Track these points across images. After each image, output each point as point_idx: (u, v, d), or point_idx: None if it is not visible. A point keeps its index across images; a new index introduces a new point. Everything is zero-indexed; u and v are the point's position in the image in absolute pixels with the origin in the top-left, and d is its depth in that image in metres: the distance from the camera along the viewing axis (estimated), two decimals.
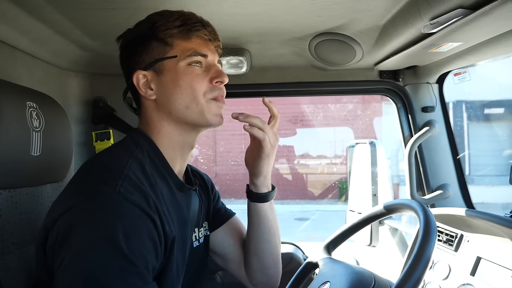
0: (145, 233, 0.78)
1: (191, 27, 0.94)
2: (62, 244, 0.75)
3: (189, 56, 0.93)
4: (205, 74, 0.95)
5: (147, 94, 0.95)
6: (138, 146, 0.92)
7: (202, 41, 0.96)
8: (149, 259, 0.78)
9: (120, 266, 0.72)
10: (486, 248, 1.23)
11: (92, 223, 0.75)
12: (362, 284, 1.05)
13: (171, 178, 0.94)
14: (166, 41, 0.93)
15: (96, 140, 1.68)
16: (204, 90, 0.94)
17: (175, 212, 0.92)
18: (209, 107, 0.94)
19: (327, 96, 6.33)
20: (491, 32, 1.13)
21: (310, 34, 1.40)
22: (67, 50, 1.44)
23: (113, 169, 0.84)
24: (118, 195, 0.78)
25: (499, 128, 8.51)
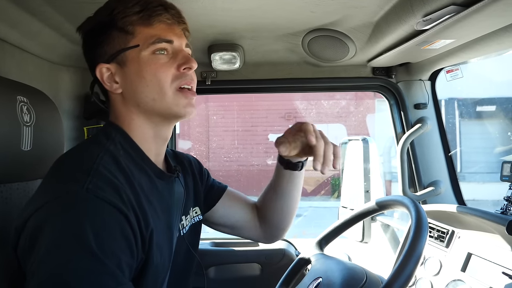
0: (118, 231, 0.75)
1: (152, 12, 0.86)
2: (31, 246, 0.72)
3: (152, 43, 0.86)
4: (171, 61, 0.89)
5: (113, 88, 0.90)
6: (110, 139, 0.87)
7: (166, 25, 0.88)
8: (123, 257, 0.74)
9: (90, 266, 0.69)
10: (477, 244, 1.24)
11: (60, 222, 0.72)
12: (354, 280, 1.06)
13: (148, 167, 0.90)
14: (126, 30, 0.86)
15: (88, 135, 1.67)
16: (171, 79, 0.88)
17: (157, 202, 0.89)
18: (176, 99, 0.88)
19: (320, 92, 6.34)
20: (484, 29, 1.14)
21: (303, 30, 1.39)
22: (58, 44, 1.42)
23: (83, 165, 0.80)
24: (87, 193, 0.74)
25: (490, 125, 8.58)
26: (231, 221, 1.21)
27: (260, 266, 1.89)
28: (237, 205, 1.22)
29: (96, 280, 0.69)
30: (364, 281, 1.05)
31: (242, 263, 1.89)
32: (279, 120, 9.45)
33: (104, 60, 0.89)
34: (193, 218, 1.10)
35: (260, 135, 9.32)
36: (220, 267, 1.86)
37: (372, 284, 1.05)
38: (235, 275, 1.87)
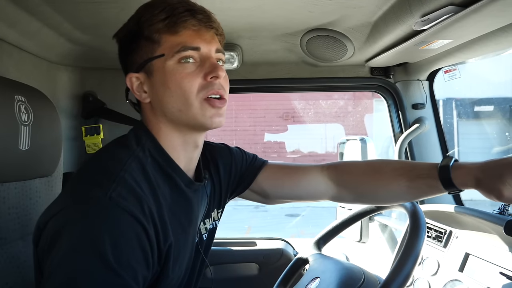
0: (135, 242, 0.74)
1: (177, 19, 0.83)
2: (50, 247, 0.72)
3: (177, 52, 0.83)
4: (199, 70, 0.85)
5: (142, 97, 0.89)
6: (140, 145, 0.86)
7: (193, 32, 0.84)
8: (139, 269, 0.73)
9: (105, 277, 0.68)
10: (475, 244, 1.24)
11: (79, 228, 0.71)
12: (351, 280, 1.06)
13: (178, 175, 0.88)
14: (152, 38, 0.84)
15: (85, 135, 1.66)
16: (197, 89, 0.84)
17: (182, 213, 0.88)
18: (202, 109, 0.85)
19: (319, 92, 6.36)
20: (482, 30, 1.14)
21: (302, 30, 1.40)
22: (57, 44, 1.42)
23: (109, 170, 0.79)
24: (109, 201, 0.73)
25: (488, 125, 8.60)
26: (288, 192, 1.14)
27: (258, 266, 1.89)
28: (286, 176, 1.14)
29: None
30: (362, 281, 1.05)
31: (240, 263, 1.89)
32: (277, 120, 9.45)
33: (134, 70, 0.88)
34: (213, 223, 1.08)
35: (258, 135, 9.33)
36: (218, 267, 1.86)
37: (370, 284, 1.05)
38: (233, 274, 1.87)
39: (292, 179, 1.13)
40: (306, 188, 1.13)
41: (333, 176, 1.12)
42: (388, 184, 1.05)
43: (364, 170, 1.13)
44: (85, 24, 1.30)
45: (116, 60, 1.65)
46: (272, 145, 9.49)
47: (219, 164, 1.08)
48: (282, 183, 1.13)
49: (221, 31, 0.91)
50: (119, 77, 1.74)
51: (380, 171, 1.07)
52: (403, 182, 1.00)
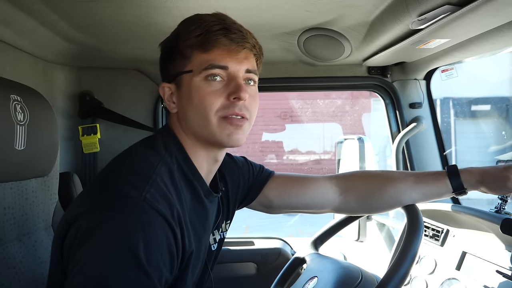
0: (165, 245, 0.75)
1: (210, 37, 0.84)
2: (80, 243, 0.72)
3: (204, 69, 0.85)
4: (224, 89, 0.86)
5: (170, 107, 0.92)
6: (168, 150, 0.88)
7: (223, 51, 0.85)
8: (164, 271, 0.75)
9: (135, 276, 0.69)
10: (472, 243, 1.25)
11: (114, 227, 0.72)
12: (349, 279, 1.06)
13: (199, 184, 0.90)
14: (184, 54, 0.87)
15: (82, 135, 1.66)
16: (218, 108, 0.85)
17: (199, 221, 0.90)
18: (220, 127, 0.86)
19: (316, 91, 6.35)
20: (478, 29, 1.14)
21: (299, 29, 1.39)
22: (52, 43, 1.41)
23: (142, 172, 0.80)
24: (144, 202, 0.74)
25: (485, 124, 8.62)
26: (295, 202, 1.16)
27: (256, 266, 1.89)
28: (294, 185, 1.16)
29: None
30: (359, 280, 1.06)
31: (238, 262, 1.89)
32: (275, 119, 9.45)
33: (167, 80, 0.92)
34: (221, 234, 1.09)
35: (256, 134, 9.32)
36: (216, 267, 1.85)
37: (367, 283, 1.05)
38: (231, 274, 1.87)
39: (300, 188, 1.16)
40: (314, 196, 1.15)
41: (340, 183, 1.16)
42: (396, 182, 1.09)
43: (372, 173, 1.20)
44: (81, 23, 1.29)
45: (113, 59, 1.65)
46: (270, 145, 9.48)
47: (227, 177, 1.10)
48: (289, 192, 1.16)
49: (257, 51, 0.91)
50: (116, 76, 1.77)
51: (388, 172, 1.14)
52: (411, 178, 1.08)
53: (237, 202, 1.14)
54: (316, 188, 1.15)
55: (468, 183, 1.03)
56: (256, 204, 1.18)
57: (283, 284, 1.28)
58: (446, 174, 1.05)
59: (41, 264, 1.05)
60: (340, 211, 1.19)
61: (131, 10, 1.18)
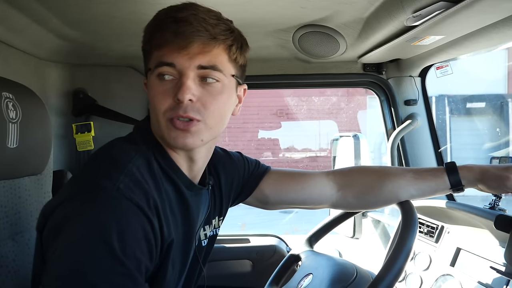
0: (141, 233, 0.75)
1: (159, 31, 0.79)
2: (56, 234, 0.72)
3: (156, 67, 0.81)
4: (173, 89, 0.80)
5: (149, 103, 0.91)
6: (145, 141, 0.87)
7: (172, 46, 0.79)
8: (143, 260, 0.74)
9: (110, 266, 0.69)
10: (466, 239, 1.25)
11: (87, 218, 0.72)
12: (344, 276, 1.06)
13: (178, 177, 0.88)
14: (145, 51, 0.85)
15: (76, 132, 1.65)
16: (165, 109, 0.81)
17: (180, 213, 0.88)
18: (167, 129, 0.82)
19: (311, 88, 6.34)
20: (473, 26, 1.14)
21: (294, 26, 1.39)
22: (45, 40, 1.40)
23: (117, 162, 0.80)
24: (117, 192, 0.74)
25: (479, 122, 8.67)
26: (292, 197, 1.15)
27: (251, 263, 1.89)
28: (291, 181, 1.15)
29: (115, 279, 0.69)
30: (354, 276, 1.06)
31: (233, 260, 1.89)
32: (271, 117, 9.45)
33: (145, 76, 0.89)
34: (213, 230, 1.08)
35: (251, 132, 9.33)
36: (211, 264, 1.85)
37: (362, 279, 1.05)
38: (226, 271, 1.87)
39: (297, 183, 1.15)
40: (311, 192, 1.14)
41: (338, 178, 1.15)
42: (394, 177, 1.09)
43: (370, 168, 1.19)
44: (74, 20, 1.28)
45: (106, 56, 1.64)
46: (266, 142, 9.48)
47: (220, 172, 1.08)
48: (286, 188, 1.15)
49: (224, 41, 0.83)
50: (110, 73, 1.76)
51: (386, 168, 1.16)
52: (409, 174, 1.08)
53: (231, 198, 1.13)
54: (314, 184, 1.14)
55: (467, 179, 1.03)
56: (252, 200, 1.17)
57: (278, 282, 1.28)
58: (445, 171, 1.05)
59: None
60: (337, 206, 1.19)
61: (126, 7, 1.17)
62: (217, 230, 1.10)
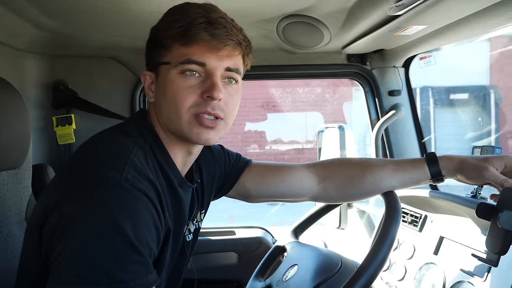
0: (151, 222, 0.77)
1: (192, 30, 0.81)
2: (64, 231, 0.72)
3: (181, 63, 0.83)
4: (200, 85, 0.84)
5: (149, 96, 0.91)
6: (143, 136, 0.87)
7: (204, 46, 0.82)
8: (153, 247, 0.77)
9: (127, 255, 0.71)
10: (449, 228, 1.27)
11: (99, 211, 0.72)
12: (329, 266, 1.07)
13: (173, 173, 0.90)
14: (163, 44, 0.85)
15: (57, 125, 1.62)
16: (190, 104, 0.84)
17: (173, 207, 0.90)
18: (190, 125, 0.85)
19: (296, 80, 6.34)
20: (455, 15, 1.14)
21: (278, 16, 1.38)
22: (22, 30, 1.36)
23: (120, 154, 0.79)
24: (126, 182, 0.74)
25: (463, 112, 8.80)
26: (272, 190, 1.15)
27: (237, 255, 1.89)
28: (271, 174, 1.15)
29: (131, 268, 0.71)
30: (339, 266, 1.06)
31: (219, 252, 1.88)
32: (257, 109, 9.43)
33: (149, 68, 0.90)
34: (196, 224, 1.09)
35: (238, 125, 9.30)
36: (197, 257, 1.84)
37: (347, 269, 1.06)
38: (212, 264, 1.87)
39: (278, 176, 1.15)
40: (292, 185, 1.15)
41: (319, 171, 1.15)
42: (375, 169, 1.09)
43: (352, 160, 1.20)
44: (52, 9, 1.24)
45: (87, 47, 1.60)
46: (253, 135, 9.48)
47: (202, 166, 1.09)
48: (267, 181, 1.15)
49: (244, 48, 0.88)
50: (91, 65, 1.72)
51: (367, 160, 1.15)
52: (390, 165, 1.09)
53: (213, 192, 1.13)
54: (294, 177, 1.15)
55: (446, 169, 1.04)
56: (233, 194, 1.17)
57: (264, 273, 1.28)
58: (425, 161, 1.05)
59: (13, 259, 1.02)
60: (319, 199, 1.19)
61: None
62: (199, 223, 1.10)
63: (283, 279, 1.12)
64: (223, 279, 1.87)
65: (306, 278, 1.05)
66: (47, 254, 0.76)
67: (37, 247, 0.78)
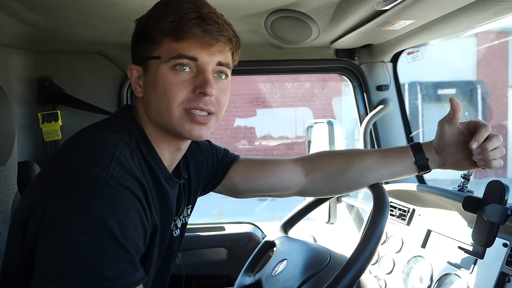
0: (138, 219, 0.76)
1: (184, 25, 0.81)
2: (49, 229, 0.71)
3: (172, 58, 0.82)
4: (191, 81, 0.83)
5: (136, 91, 0.89)
6: (128, 132, 0.86)
7: (196, 41, 0.82)
8: (140, 245, 0.77)
9: (113, 253, 0.71)
10: (436, 221, 1.28)
11: (84, 209, 0.70)
12: (318, 260, 1.07)
13: (159, 169, 0.89)
14: (153, 38, 0.84)
15: (42, 122, 1.59)
16: (182, 100, 0.83)
17: (159, 204, 0.89)
18: (181, 120, 0.84)
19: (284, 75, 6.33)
20: (442, 10, 1.15)
21: (266, 11, 1.37)
22: (5, 25, 1.33)
23: (104, 150, 0.78)
24: (111, 180, 0.74)
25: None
26: (260, 185, 1.15)
27: (226, 251, 1.89)
28: (259, 169, 1.15)
29: (119, 266, 0.71)
30: (328, 261, 1.07)
31: (208, 248, 1.88)
32: (247, 105, 9.41)
33: (136, 62, 0.89)
34: (183, 219, 1.08)
35: (227, 120, 9.27)
36: (186, 253, 1.84)
37: (336, 263, 1.06)
38: (201, 260, 1.86)
39: (265, 171, 1.15)
40: (279, 179, 1.15)
41: (306, 164, 1.16)
42: (362, 158, 1.10)
43: (338, 151, 1.22)
44: (36, 3, 1.22)
45: (73, 42, 1.57)
46: (242, 131, 9.46)
47: (189, 161, 1.08)
48: (254, 176, 1.15)
49: (234, 44, 0.88)
50: (77, 60, 1.70)
51: (354, 150, 1.15)
52: (377, 154, 1.10)
53: (200, 187, 1.13)
54: (281, 171, 1.15)
55: (427, 148, 1.06)
56: (221, 189, 1.17)
57: (254, 268, 1.28)
58: (410, 147, 1.07)
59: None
60: (307, 192, 1.19)
61: None
62: (186, 218, 1.10)
63: (273, 274, 1.12)
64: (212, 274, 1.87)
65: (295, 272, 1.05)
66: (30, 253, 0.75)
67: (21, 246, 0.77)
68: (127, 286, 0.71)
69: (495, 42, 8.57)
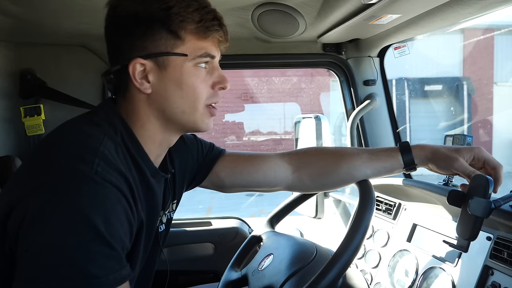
0: (123, 215, 0.75)
1: (209, 26, 0.84)
2: (31, 226, 0.69)
3: (199, 56, 0.84)
4: (208, 77, 0.87)
5: (142, 86, 0.84)
6: (112, 126, 0.83)
7: (216, 40, 0.87)
8: (125, 241, 0.76)
9: (99, 250, 0.69)
10: (422, 215, 1.29)
11: (68, 206, 0.69)
12: (304, 255, 1.07)
13: (145, 163, 0.87)
14: (179, 35, 0.82)
15: (25, 116, 1.56)
16: (205, 96, 0.87)
17: (145, 199, 0.88)
18: (203, 115, 0.89)
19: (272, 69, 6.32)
20: (429, 4, 1.15)
21: (253, 4, 1.35)
22: None
23: (88, 145, 0.77)
24: (96, 175, 0.72)
25: (436, 103, 9.00)
26: (246, 180, 1.15)
27: (213, 246, 1.89)
28: (245, 163, 1.15)
29: (105, 263, 0.70)
30: (314, 255, 1.07)
31: (195, 243, 1.87)
32: (236, 100, 9.39)
33: (142, 55, 0.83)
34: (168, 214, 1.07)
35: (216, 116, 9.25)
36: (173, 248, 1.83)
37: (322, 257, 1.06)
38: (188, 255, 1.85)
39: (252, 166, 1.15)
40: (266, 174, 1.14)
41: (293, 160, 1.15)
42: (350, 158, 1.10)
43: (326, 150, 1.20)
44: None
45: (55, 35, 1.54)
46: (231, 126, 9.45)
47: (174, 155, 1.06)
48: (240, 171, 1.14)
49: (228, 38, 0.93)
50: (60, 53, 1.66)
51: (342, 149, 1.15)
52: (365, 155, 1.09)
53: (185, 181, 1.11)
54: (268, 166, 1.14)
55: (419, 158, 1.05)
56: (207, 184, 1.16)
57: (240, 263, 1.28)
58: (399, 150, 1.06)
59: None
60: (293, 188, 1.19)
61: None
62: (172, 213, 1.08)
63: (259, 268, 1.12)
64: (199, 270, 1.87)
65: (281, 267, 1.05)
66: (11, 251, 0.72)
67: (1, 243, 0.74)
68: (113, 283, 0.70)
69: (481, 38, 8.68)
